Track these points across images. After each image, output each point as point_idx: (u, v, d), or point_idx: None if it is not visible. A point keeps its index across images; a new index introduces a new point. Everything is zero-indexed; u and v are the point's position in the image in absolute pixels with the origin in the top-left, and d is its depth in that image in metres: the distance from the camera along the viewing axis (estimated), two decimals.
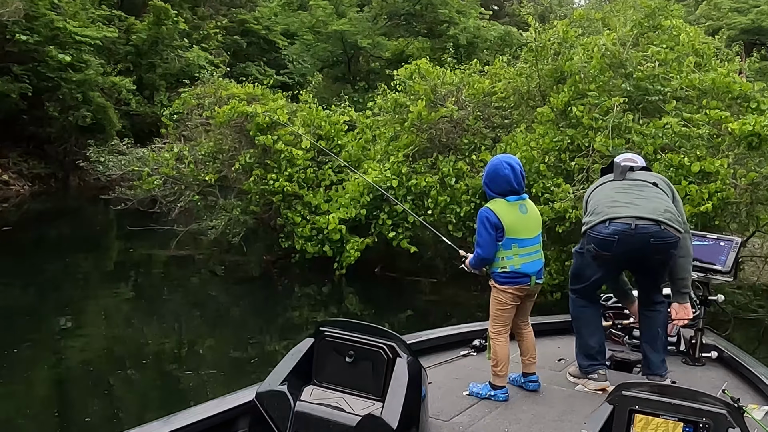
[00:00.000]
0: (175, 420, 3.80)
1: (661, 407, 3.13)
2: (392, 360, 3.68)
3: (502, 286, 4.64)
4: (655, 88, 10.22)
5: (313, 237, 12.42)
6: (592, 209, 4.88)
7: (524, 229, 4.67)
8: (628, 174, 5.00)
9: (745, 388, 4.96)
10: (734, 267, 5.49)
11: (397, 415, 3.48)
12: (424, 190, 11.75)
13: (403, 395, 3.54)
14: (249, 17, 36.50)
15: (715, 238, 5.66)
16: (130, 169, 14.55)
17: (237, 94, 13.94)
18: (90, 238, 17.55)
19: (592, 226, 4.77)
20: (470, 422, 4.28)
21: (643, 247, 4.66)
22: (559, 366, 5.37)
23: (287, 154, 12.61)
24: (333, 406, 3.70)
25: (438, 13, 31.87)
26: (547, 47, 11.44)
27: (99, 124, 25.54)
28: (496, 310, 4.69)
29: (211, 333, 10.68)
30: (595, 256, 4.81)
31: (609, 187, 4.97)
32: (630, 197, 4.80)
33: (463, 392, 4.73)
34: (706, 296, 5.57)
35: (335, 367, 3.84)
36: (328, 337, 3.88)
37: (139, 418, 6.94)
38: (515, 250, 4.60)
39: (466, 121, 12.05)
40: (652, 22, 11.45)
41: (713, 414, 3.04)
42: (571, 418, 4.36)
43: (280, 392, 3.76)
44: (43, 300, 11.55)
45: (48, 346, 9.47)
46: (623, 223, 4.65)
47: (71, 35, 24.61)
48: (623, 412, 3.18)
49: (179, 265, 14.32)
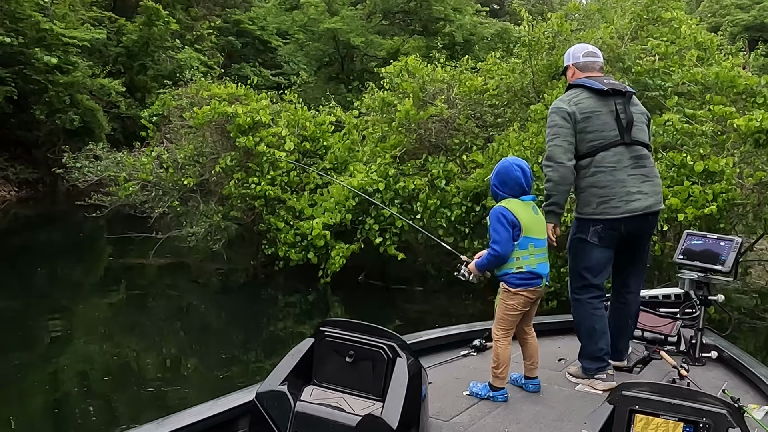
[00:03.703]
0: (174, 420, 3.77)
1: (662, 407, 3.10)
2: (392, 360, 3.67)
3: (515, 289, 4.51)
4: (656, 82, 9.68)
5: (297, 243, 11.83)
6: (603, 193, 4.75)
7: (538, 229, 4.59)
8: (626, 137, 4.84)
9: (745, 388, 4.94)
10: (735, 267, 5.44)
11: (397, 415, 3.45)
12: (412, 193, 11.17)
13: (403, 395, 3.53)
14: (244, 17, 36.14)
15: (716, 238, 5.61)
16: (106, 174, 13.98)
17: (218, 94, 13.34)
18: (70, 246, 17.00)
19: (608, 218, 4.75)
20: (470, 422, 4.25)
21: (648, 227, 4.93)
22: (559, 366, 5.31)
23: (270, 157, 12.04)
24: (333, 406, 3.68)
25: (433, 10, 31.37)
26: (541, 41, 10.87)
27: (87, 127, 25.05)
28: (504, 314, 4.59)
29: (189, 348, 10.12)
30: (601, 236, 4.78)
31: (615, 160, 4.77)
32: (638, 181, 4.77)
33: (464, 392, 4.67)
34: (706, 296, 5.52)
35: (335, 367, 3.83)
36: (328, 337, 3.87)
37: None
38: (531, 249, 4.52)
39: (456, 121, 11.48)
40: (651, 15, 10.89)
41: (713, 414, 3.02)
42: (571, 418, 4.34)
43: (280, 392, 3.74)
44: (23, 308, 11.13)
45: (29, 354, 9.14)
46: (637, 215, 4.74)
47: (58, 37, 24.07)
48: (623, 412, 3.15)
49: (160, 274, 13.74)
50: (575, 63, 5.04)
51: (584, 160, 4.78)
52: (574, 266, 5.00)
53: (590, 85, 4.84)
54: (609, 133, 4.77)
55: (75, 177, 14.91)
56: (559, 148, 4.73)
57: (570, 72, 5.08)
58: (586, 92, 4.83)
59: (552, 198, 4.78)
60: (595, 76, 4.94)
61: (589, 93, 4.82)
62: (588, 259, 4.86)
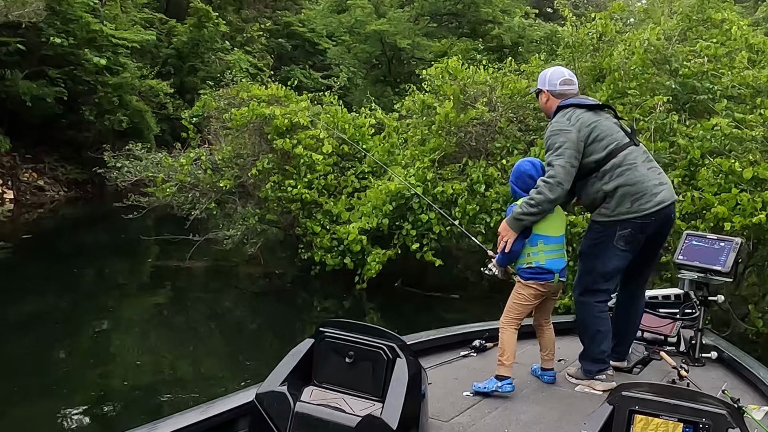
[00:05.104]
0: (174, 421, 3.77)
1: (661, 408, 3.12)
2: (392, 360, 3.69)
3: (526, 281, 4.75)
4: (704, 85, 9.22)
5: (333, 248, 11.63)
6: (635, 190, 4.68)
7: (550, 227, 4.77)
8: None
9: (745, 389, 4.98)
10: (734, 267, 5.46)
11: (397, 415, 3.47)
12: (451, 198, 10.87)
13: (403, 396, 3.55)
14: (294, 20, 36.09)
15: (715, 239, 5.66)
16: (144, 175, 13.93)
17: (258, 95, 13.20)
18: (113, 247, 16.96)
19: (642, 214, 4.67)
20: (470, 422, 4.27)
21: (670, 223, 4.93)
22: (559, 366, 5.30)
23: (307, 159, 11.84)
24: (333, 407, 3.70)
25: (481, 13, 30.89)
26: (585, 43, 10.49)
27: (136, 128, 25.12)
28: (514, 303, 4.78)
29: (222, 351, 9.95)
30: (628, 240, 4.73)
31: (633, 157, 4.76)
32: (656, 173, 4.81)
33: (464, 392, 4.69)
34: (706, 297, 5.56)
35: (335, 367, 3.85)
36: (328, 337, 3.89)
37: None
38: (541, 246, 4.73)
39: (498, 124, 11.14)
40: (701, 15, 10.43)
41: (713, 414, 3.03)
42: (571, 418, 4.35)
43: (280, 393, 3.76)
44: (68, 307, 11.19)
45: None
46: (666, 205, 4.72)
47: (108, 38, 24.22)
48: (623, 413, 3.16)
49: (196, 276, 13.61)
50: (551, 90, 5.01)
51: (606, 164, 4.72)
52: (588, 271, 4.93)
53: (580, 102, 4.89)
54: (618, 134, 4.79)
55: (114, 177, 14.91)
56: (563, 168, 4.65)
57: (544, 97, 5.05)
58: (579, 109, 4.82)
59: (535, 215, 4.68)
60: (577, 96, 5.01)
61: (582, 109, 4.82)
62: (606, 265, 4.82)
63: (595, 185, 4.74)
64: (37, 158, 24.03)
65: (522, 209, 4.67)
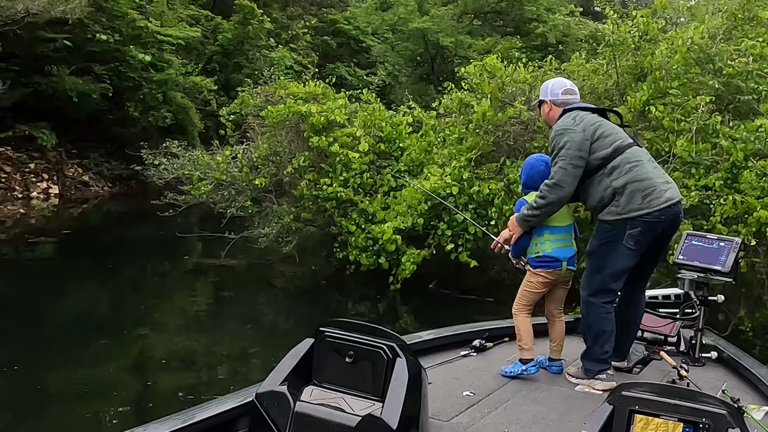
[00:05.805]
0: (174, 420, 3.73)
1: (661, 407, 3.13)
2: (392, 360, 3.69)
3: (535, 270, 4.98)
4: (749, 86, 8.91)
5: (368, 247, 11.49)
6: (645, 186, 4.68)
7: (555, 218, 4.94)
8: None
9: (745, 388, 5.01)
10: (734, 267, 5.48)
11: (397, 415, 3.46)
12: (487, 198, 10.67)
13: (403, 395, 3.55)
14: (339, 17, 36.09)
15: (715, 239, 5.69)
16: (181, 172, 13.93)
17: (295, 92, 13.12)
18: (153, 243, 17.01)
19: (653, 211, 4.66)
20: (470, 422, 4.28)
21: (675, 224, 4.91)
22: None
23: (343, 158, 11.72)
24: (333, 407, 3.70)
25: (525, 11, 30.56)
26: (626, 41, 10.21)
27: (180, 125, 25.35)
28: (524, 290, 5.04)
29: (253, 351, 9.83)
30: (638, 239, 4.72)
31: (639, 154, 4.84)
32: (660, 172, 4.88)
33: (464, 392, 4.71)
34: (706, 297, 5.60)
35: (335, 367, 3.85)
36: (328, 337, 3.88)
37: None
38: (547, 236, 4.95)
39: (536, 123, 10.91)
40: (747, 14, 10.08)
41: (713, 414, 3.04)
42: (571, 418, 4.37)
43: (280, 392, 3.76)
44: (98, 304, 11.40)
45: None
46: (674, 202, 4.71)
47: (153, 35, 24.42)
48: (623, 413, 3.17)
49: (230, 274, 13.53)
50: (553, 100, 5.12)
51: (614, 160, 4.76)
52: (596, 270, 4.93)
53: (583, 106, 5.03)
54: (622, 134, 4.88)
55: (152, 174, 14.95)
56: (564, 171, 4.75)
57: (546, 107, 5.17)
58: (582, 112, 4.92)
59: (541, 216, 4.88)
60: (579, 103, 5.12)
61: (585, 112, 4.93)
62: (614, 265, 4.83)
63: (603, 182, 4.75)
64: (83, 154, 24.26)
65: (528, 211, 4.88)
